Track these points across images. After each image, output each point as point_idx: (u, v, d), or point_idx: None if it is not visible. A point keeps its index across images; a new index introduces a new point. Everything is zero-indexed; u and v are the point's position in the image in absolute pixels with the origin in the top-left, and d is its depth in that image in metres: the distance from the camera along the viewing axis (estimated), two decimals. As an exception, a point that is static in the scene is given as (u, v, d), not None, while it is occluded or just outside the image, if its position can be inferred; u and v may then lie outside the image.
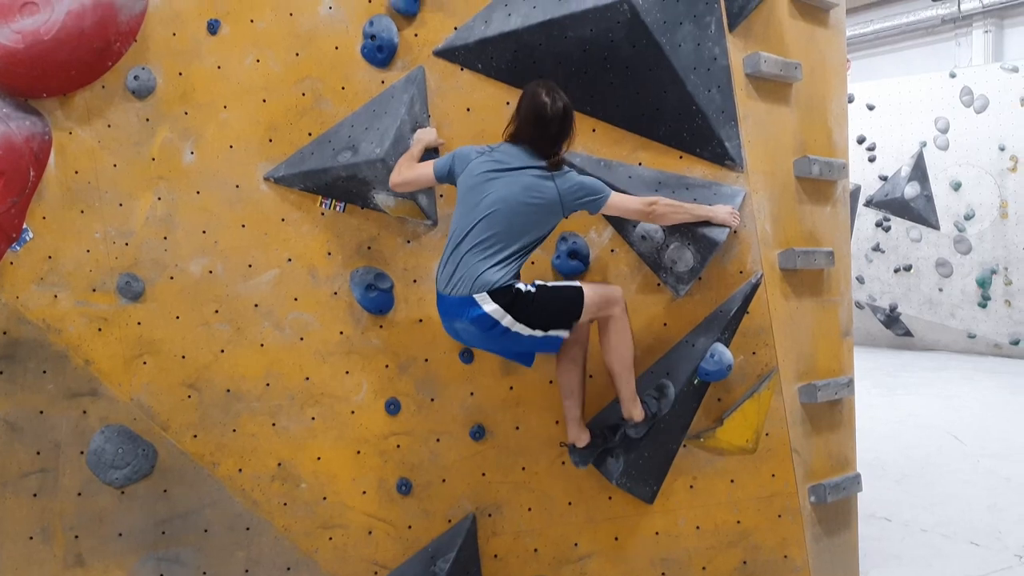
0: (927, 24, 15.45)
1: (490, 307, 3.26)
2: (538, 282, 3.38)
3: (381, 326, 3.85)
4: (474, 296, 3.27)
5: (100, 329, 3.81)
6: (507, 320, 3.28)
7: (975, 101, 10.66)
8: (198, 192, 3.86)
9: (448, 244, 3.40)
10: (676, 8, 3.62)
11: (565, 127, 3.39)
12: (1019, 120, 10.35)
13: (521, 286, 3.32)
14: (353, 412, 3.86)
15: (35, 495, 3.75)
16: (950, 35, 15.44)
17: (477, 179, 3.38)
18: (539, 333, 3.34)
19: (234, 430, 3.85)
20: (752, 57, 3.79)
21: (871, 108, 11.49)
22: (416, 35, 3.83)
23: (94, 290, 3.82)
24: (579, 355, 3.57)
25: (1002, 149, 10.49)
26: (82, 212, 3.82)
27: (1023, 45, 14.46)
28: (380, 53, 3.81)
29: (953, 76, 10.98)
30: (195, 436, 3.84)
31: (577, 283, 3.45)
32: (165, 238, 3.85)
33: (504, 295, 3.26)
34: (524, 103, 3.40)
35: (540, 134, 3.37)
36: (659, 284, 3.77)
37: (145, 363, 3.83)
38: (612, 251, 3.77)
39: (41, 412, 3.77)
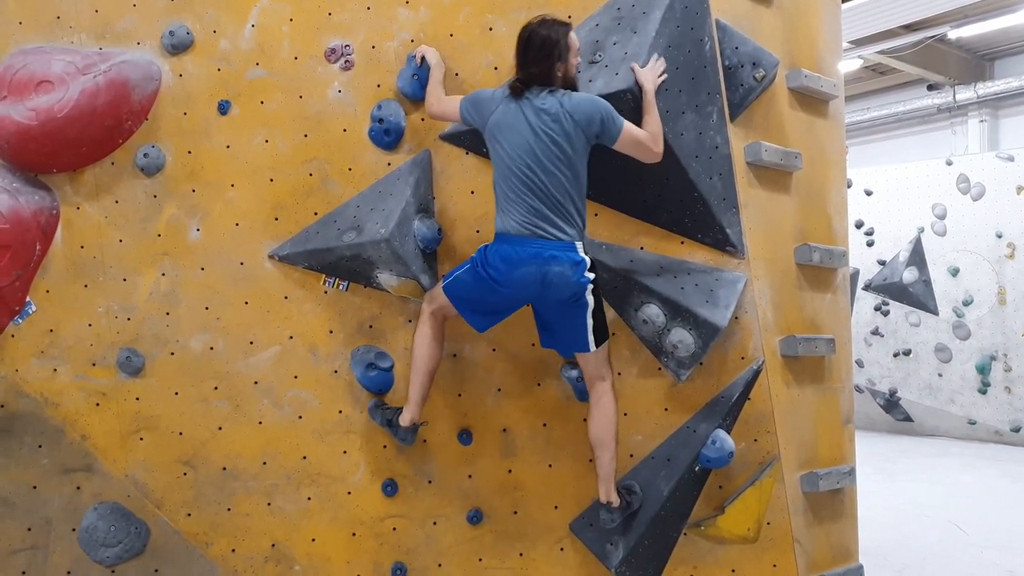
0: (923, 113, 15.75)
1: (587, 258, 3.42)
2: None
3: (380, 406, 3.83)
4: (575, 244, 3.40)
5: (98, 404, 3.79)
6: (590, 283, 3.42)
7: (972, 188, 10.79)
8: (202, 269, 3.88)
9: (504, 191, 3.43)
10: (679, 98, 3.70)
11: (549, 42, 3.43)
12: (1015, 208, 10.46)
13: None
14: (350, 493, 3.81)
15: (24, 573, 3.68)
16: (946, 124, 15.72)
17: (504, 131, 3.43)
18: (590, 322, 3.46)
19: (229, 509, 3.80)
20: (753, 146, 3.86)
21: (869, 193, 11.62)
22: (423, 119, 3.90)
23: (94, 364, 3.81)
24: (443, 336, 3.65)
25: (999, 236, 10.58)
26: (86, 286, 3.83)
27: (1017, 135, 14.72)
28: (387, 136, 3.87)
29: (950, 163, 11.14)
30: (189, 515, 3.78)
31: None
32: (167, 314, 3.85)
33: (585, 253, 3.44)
34: (523, 46, 3.49)
35: (530, 57, 3.45)
36: (660, 368, 3.76)
37: (142, 439, 3.80)
38: (613, 334, 3.77)
39: (34, 487, 3.72)
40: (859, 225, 11.55)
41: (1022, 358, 10.43)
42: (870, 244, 11.59)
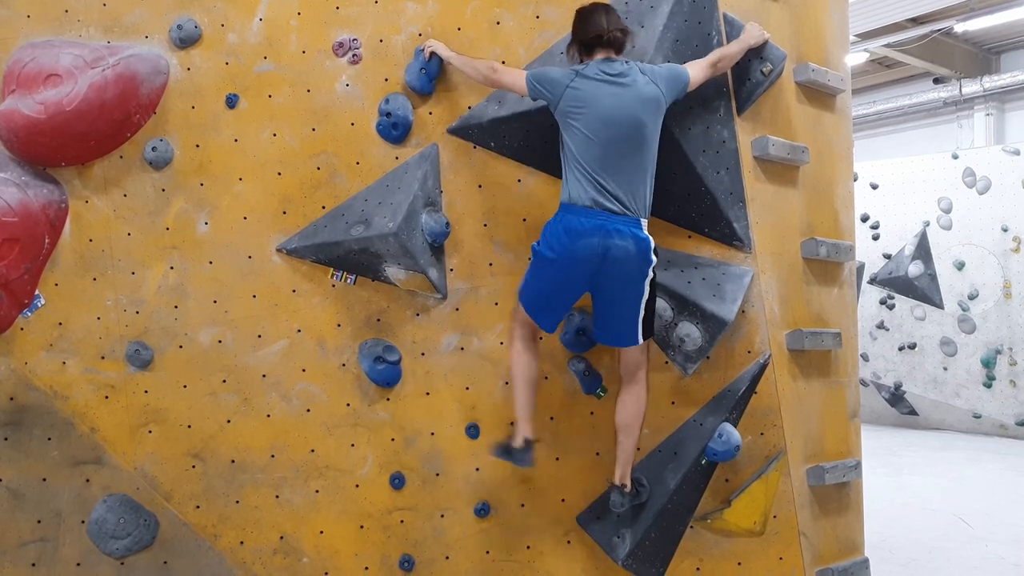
0: (930, 106, 15.71)
1: (650, 236, 3.44)
2: None
3: (388, 399, 3.84)
4: (640, 220, 3.41)
5: (107, 397, 3.81)
6: (654, 260, 3.43)
7: (978, 182, 10.77)
8: (211, 262, 3.89)
9: (581, 165, 3.43)
10: (686, 94, 3.69)
11: (614, 15, 3.54)
12: (1021, 202, 10.44)
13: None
14: (358, 486, 3.83)
15: (33, 565, 3.71)
16: (952, 117, 15.68)
17: (590, 103, 3.43)
18: (642, 309, 3.45)
19: (237, 502, 3.82)
20: (760, 140, 3.86)
21: (875, 187, 11.61)
22: (431, 113, 3.90)
23: (103, 358, 3.83)
24: (537, 347, 3.66)
25: (1005, 230, 10.57)
26: (94, 280, 3.85)
27: (1023, 128, 14.69)
28: (395, 130, 3.88)
29: (956, 157, 11.12)
30: (198, 507, 3.80)
31: None
32: (176, 307, 3.87)
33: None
34: (579, 21, 3.56)
35: (613, 20, 3.51)
36: (667, 362, 3.77)
37: (151, 432, 3.82)
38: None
39: (44, 480, 3.75)
40: (865, 219, 11.53)
41: (1028, 352, 10.44)
42: (875, 238, 11.58)
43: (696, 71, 3.58)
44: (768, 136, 3.86)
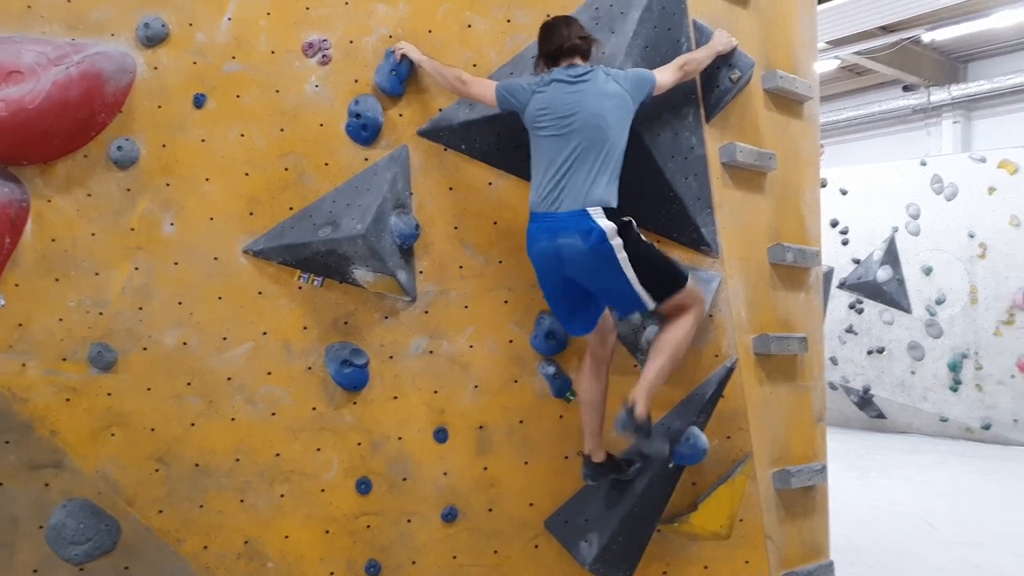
0: (899, 113, 15.94)
1: (604, 223, 3.33)
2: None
3: (355, 403, 3.82)
4: (587, 209, 3.34)
5: (68, 399, 3.75)
6: (616, 242, 3.32)
7: (945, 189, 10.90)
8: (176, 263, 3.85)
9: (541, 169, 3.47)
10: (655, 99, 3.70)
11: (575, 25, 3.56)
12: (987, 208, 10.58)
13: (633, 221, 3.41)
14: (323, 490, 3.80)
15: (-11, 571, 3.64)
16: (920, 124, 15.91)
17: (551, 105, 3.45)
18: (635, 280, 3.35)
19: (201, 506, 3.77)
20: (728, 147, 3.87)
21: (844, 193, 11.71)
22: (401, 115, 3.89)
23: (64, 359, 3.76)
24: (603, 373, 3.61)
25: (971, 236, 10.70)
26: (57, 280, 3.79)
27: (990, 136, 14.92)
28: (365, 131, 3.86)
29: (924, 164, 11.25)
30: (161, 511, 3.75)
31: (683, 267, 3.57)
32: (140, 308, 3.82)
33: (615, 215, 3.37)
34: (542, 35, 3.58)
35: (574, 31, 3.53)
36: (635, 366, 3.77)
37: (113, 435, 3.76)
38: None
39: (0, 484, 3.67)
40: (834, 224, 11.64)
41: (993, 356, 10.57)
42: (845, 243, 11.69)
43: (663, 75, 3.59)
44: (736, 143, 3.88)
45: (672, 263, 3.54)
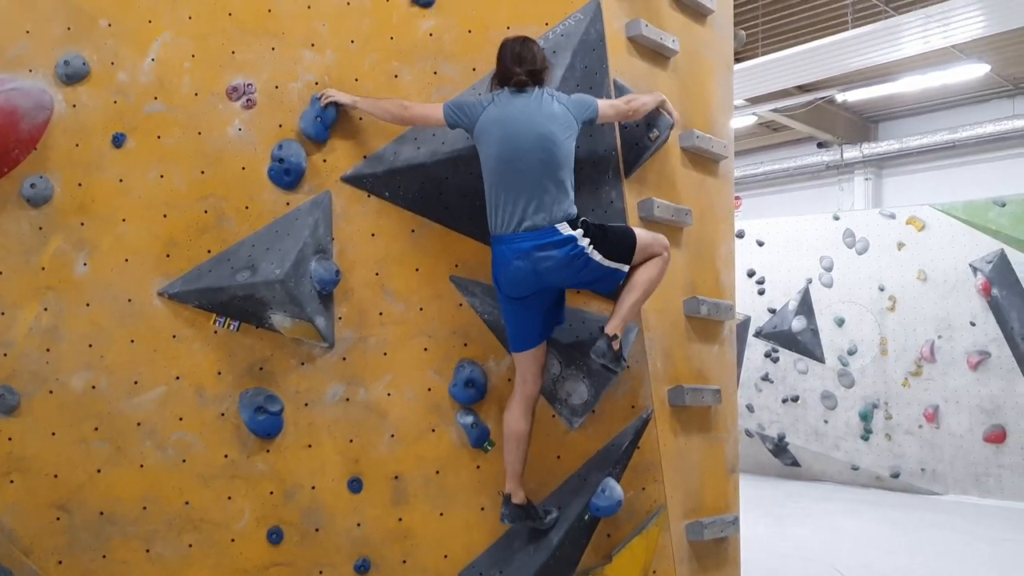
0: (813, 169, 16.54)
1: (572, 232, 3.50)
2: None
3: (268, 450, 3.75)
4: (556, 226, 3.48)
5: (-34, 444, 3.60)
6: (585, 242, 3.50)
7: (857, 243, 11.30)
8: (88, 304, 3.76)
9: (495, 191, 3.56)
10: (578, 153, 3.79)
11: (536, 52, 3.67)
12: (897, 263, 11.00)
13: (586, 218, 3.61)
14: (233, 540, 3.71)
15: None
16: (834, 180, 16.53)
17: (499, 124, 3.56)
18: (607, 263, 3.54)
19: (104, 556, 3.64)
20: (646, 202, 3.98)
21: (761, 244, 12.05)
22: (324, 160, 3.89)
23: (-36, 402, 3.62)
24: (531, 411, 3.67)
25: (881, 289, 11.10)
26: (-40, 319, 3.66)
27: (900, 192, 15.59)
28: (287, 176, 3.84)
29: (837, 218, 11.66)
30: (60, 562, 3.61)
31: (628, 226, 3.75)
32: (48, 350, 3.71)
33: (575, 223, 3.53)
34: (502, 54, 3.66)
35: (528, 58, 3.63)
36: (553, 416, 3.81)
37: (12, 482, 3.62)
38: (509, 380, 3.80)
39: None
40: (751, 274, 11.95)
41: (902, 407, 10.92)
42: (761, 292, 12.00)
43: (605, 105, 3.72)
44: (654, 198, 3.99)
45: (620, 228, 3.69)
